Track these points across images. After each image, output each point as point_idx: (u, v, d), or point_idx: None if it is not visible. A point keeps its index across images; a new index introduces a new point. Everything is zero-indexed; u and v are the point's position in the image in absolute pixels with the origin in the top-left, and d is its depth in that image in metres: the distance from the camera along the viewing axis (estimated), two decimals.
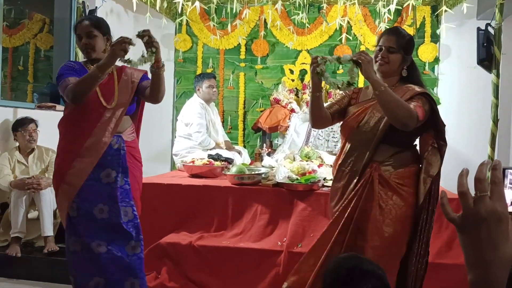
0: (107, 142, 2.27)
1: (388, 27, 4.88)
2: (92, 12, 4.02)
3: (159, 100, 2.35)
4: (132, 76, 2.40)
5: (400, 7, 4.81)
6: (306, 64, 5.21)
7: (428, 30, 4.99)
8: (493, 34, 3.60)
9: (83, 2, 4.06)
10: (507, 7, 3.48)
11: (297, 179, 3.09)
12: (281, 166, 3.32)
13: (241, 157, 4.33)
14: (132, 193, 2.36)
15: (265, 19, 5.18)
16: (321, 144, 4.29)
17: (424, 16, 5.04)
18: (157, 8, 4.72)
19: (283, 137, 4.61)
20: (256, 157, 4.22)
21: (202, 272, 2.93)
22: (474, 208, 0.72)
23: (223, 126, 4.99)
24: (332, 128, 4.32)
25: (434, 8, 4.99)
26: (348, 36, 5.05)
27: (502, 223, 0.71)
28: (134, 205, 2.35)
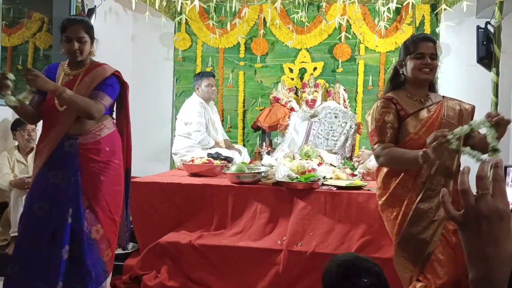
0: (54, 145, 2.37)
1: (386, 26, 4.90)
2: (91, 11, 4.00)
3: (88, 118, 2.37)
4: (95, 79, 2.44)
5: (400, 6, 4.81)
6: (305, 62, 5.22)
7: (427, 28, 4.99)
8: (492, 32, 3.59)
9: (82, 1, 4.05)
10: (506, 5, 3.48)
11: (296, 177, 3.08)
12: (280, 164, 3.32)
13: (240, 156, 4.33)
14: (90, 195, 2.39)
15: (265, 18, 5.18)
16: (321, 143, 4.29)
17: (423, 14, 5.04)
18: (156, 7, 4.71)
19: (282, 135, 4.61)
20: (256, 156, 4.22)
21: (202, 271, 2.93)
22: (475, 206, 0.72)
23: (223, 125, 4.99)
24: (331, 127, 4.32)
25: (434, 7, 4.99)
26: (347, 34, 5.05)
27: (503, 221, 0.71)
28: (82, 205, 2.36)
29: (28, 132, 3.58)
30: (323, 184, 3.13)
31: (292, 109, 4.70)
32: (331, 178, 3.32)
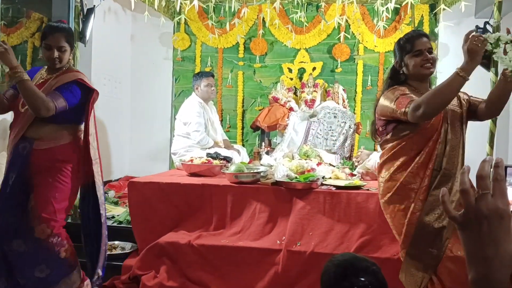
0: (12, 146, 2.42)
1: (385, 26, 4.90)
2: (90, 11, 3.99)
3: (35, 113, 2.32)
4: (58, 82, 2.44)
5: (399, 6, 4.82)
6: (304, 62, 5.22)
7: (426, 28, 5.00)
8: (491, 32, 3.60)
9: (81, 1, 4.04)
10: (505, 5, 3.47)
11: (296, 177, 3.08)
12: (280, 164, 3.32)
13: (239, 156, 4.33)
14: (39, 199, 2.37)
15: (264, 18, 5.18)
16: (320, 143, 4.29)
17: (422, 14, 5.04)
18: (155, 7, 4.71)
19: (281, 135, 4.61)
20: (255, 156, 4.22)
21: (201, 271, 2.92)
22: (475, 206, 0.72)
23: (222, 125, 4.99)
24: (330, 127, 4.32)
25: (432, 7, 5.00)
26: (346, 34, 5.06)
27: (503, 221, 0.71)
28: (30, 208, 2.36)
29: None
30: (322, 184, 3.13)
31: (291, 109, 4.70)
32: (330, 178, 3.32)
